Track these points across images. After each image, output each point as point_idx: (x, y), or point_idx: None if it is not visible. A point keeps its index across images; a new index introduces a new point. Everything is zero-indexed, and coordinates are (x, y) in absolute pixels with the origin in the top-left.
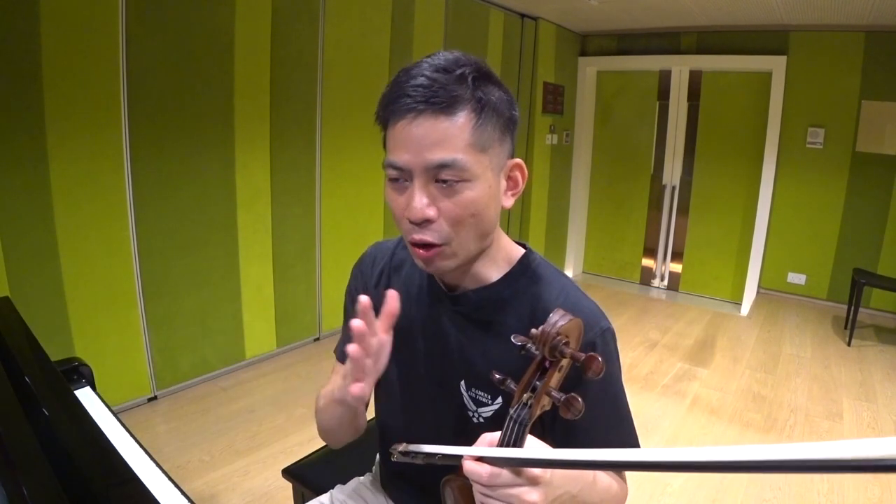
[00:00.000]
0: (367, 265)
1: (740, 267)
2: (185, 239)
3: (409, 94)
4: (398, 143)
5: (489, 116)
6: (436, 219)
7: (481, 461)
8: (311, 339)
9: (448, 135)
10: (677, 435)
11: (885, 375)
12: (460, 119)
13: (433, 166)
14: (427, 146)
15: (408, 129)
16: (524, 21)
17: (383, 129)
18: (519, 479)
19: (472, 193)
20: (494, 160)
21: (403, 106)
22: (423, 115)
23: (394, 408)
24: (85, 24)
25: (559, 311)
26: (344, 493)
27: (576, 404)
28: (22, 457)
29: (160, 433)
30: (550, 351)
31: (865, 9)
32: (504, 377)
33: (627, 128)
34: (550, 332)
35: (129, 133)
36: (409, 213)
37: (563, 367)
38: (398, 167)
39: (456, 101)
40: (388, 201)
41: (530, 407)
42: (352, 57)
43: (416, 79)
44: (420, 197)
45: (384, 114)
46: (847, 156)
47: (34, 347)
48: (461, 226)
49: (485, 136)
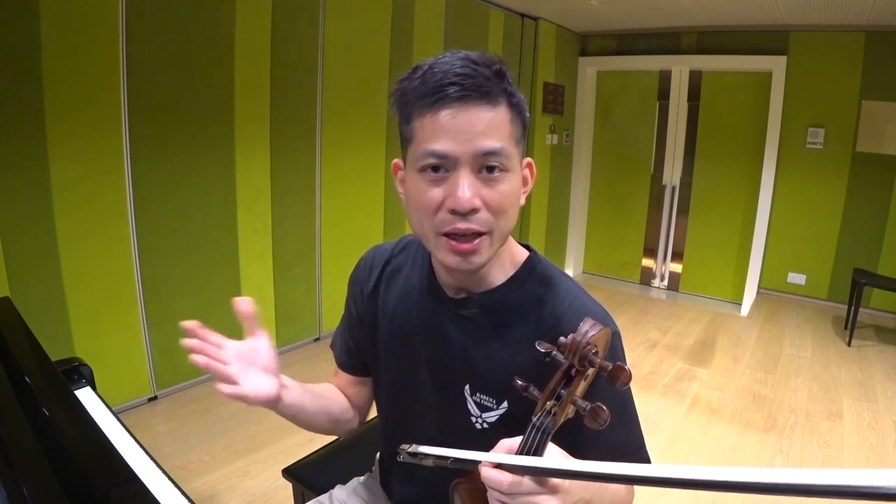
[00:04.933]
0: (362, 271)
1: (740, 267)
2: (186, 239)
3: (456, 81)
4: (440, 130)
5: (517, 114)
6: (480, 208)
7: (500, 467)
8: (311, 339)
9: (494, 124)
10: (677, 435)
11: (885, 375)
12: (501, 111)
13: (482, 153)
14: (475, 134)
15: (454, 116)
16: (524, 21)
17: (409, 120)
18: (541, 488)
19: (510, 185)
20: (520, 156)
21: (450, 94)
22: (471, 103)
23: (395, 411)
24: (85, 24)
25: (589, 321)
26: (344, 492)
27: (602, 414)
28: (22, 457)
29: (160, 433)
30: (580, 360)
31: (865, 9)
32: (527, 384)
33: (627, 128)
34: (581, 341)
35: (129, 133)
36: (455, 202)
37: (589, 377)
38: (441, 155)
39: (498, 94)
40: (414, 194)
41: (554, 415)
42: (352, 57)
43: (456, 68)
44: (467, 185)
45: (417, 105)
46: (847, 156)
47: (34, 347)
48: (503, 216)
49: (517, 131)
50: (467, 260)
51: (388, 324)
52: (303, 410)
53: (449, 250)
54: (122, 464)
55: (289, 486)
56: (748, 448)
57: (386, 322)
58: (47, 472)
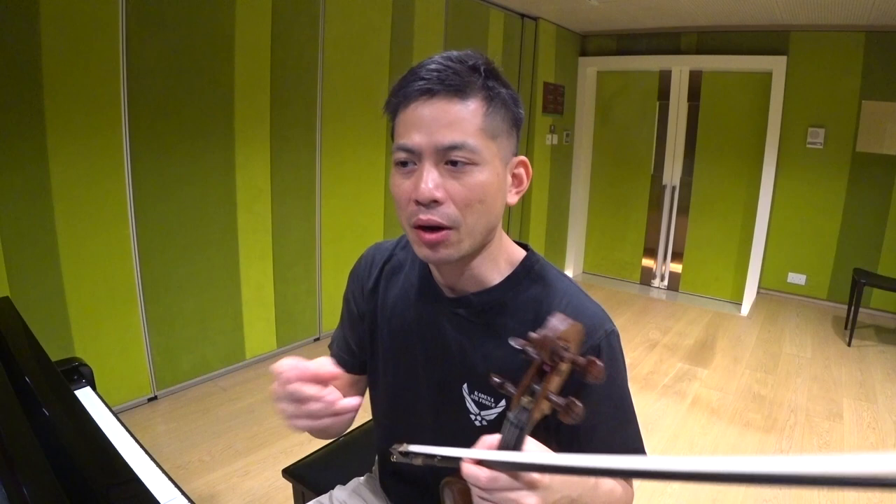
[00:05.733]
0: (363, 268)
1: (740, 267)
2: (186, 239)
3: (423, 76)
4: (409, 124)
5: (498, 107)
6: (444, 200)
7: (481, 464)
8: (311, 339)
9: (460, 117)
10: (677, 435)
11: (885, 375)
12: (472, 105)
13: (444, 147)
14: (439, 127)
15: (420, 110)
16: (524, 21)
17: (393, 117)
18: (517, 483)
19: (480, 177)
20: (503, 151)
21: (416, 88)
22: (436, 97)
23: (392, 411)
24: (85, 24)
25: (559, 316)
26: (344, 493)
27: (575, 409)
28: (22, 457)
29: (160, 433)
30: (550, 355)
31: (865, 9)
32: (502, 380)
33: (627, 128)
34: (550, 336)
35: (129, 133)
36: (417, 193)
37: (564, 372)
38: (408, 149)
39: (468, 87)
40: (392, 190)
41: (529, 411)
42: (352, 57)
43: (429, 65)
44: (428, 177)
45: (395, 99)
46: (847, 156)
47: (34, 347)
48: (469, 210)
49: (494, 125)
50: (435, 250)
51: (388, 322)
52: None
53: (419, 242)
54: (122, 464)
55: (289, 486)
56: (748, 448)
57: (385, 320)
58: (47, 472)
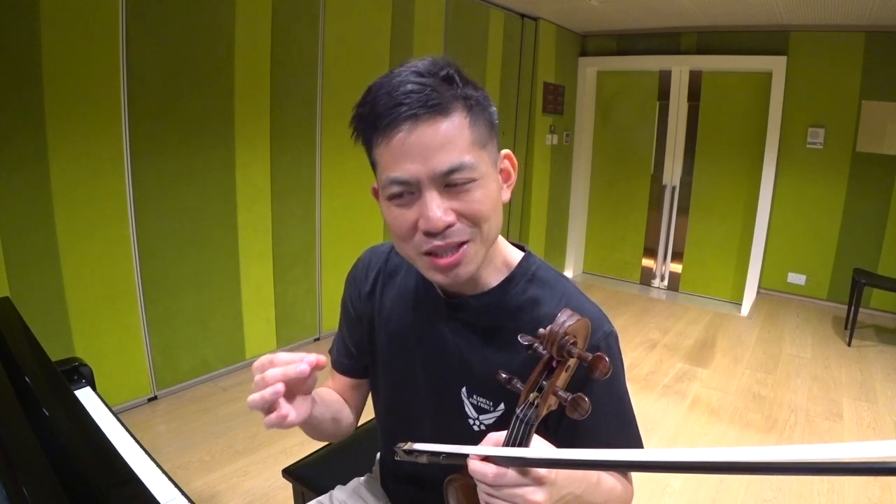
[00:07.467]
0: (360, 271)
1: (740, 267)
2: (186, 239)
3: (403, 101)
4: (398, 155)
5: (478, 114)
6: (455, 222)
7: (487, 461)
8: (311, 339)
9: (450, 136)
10: (677, 435)
11: (885, 375)
12: (456, 119)
13: (443, 173)
14: (432, 153)
15: (408, 138)
16: (524, 21)
17: (371, 148)
18: (524, 479)
19: (483, 191)
20: (492, 156)
21: (399, 115)
22: (422, 121)
23: (392, 414)
24: (85, 24)
25: (567, 311)
26: (344, 493)
27: (583, 404)
28: (22, 457)
29: (160, 433)
30: (558, 350)
31: (865, 9)
32: (510, 376)
33: (627, 128)
34: (558, 331)
35: (129, 133)
36: (427, 224)
37: (570, 367)
38: (404, 181)
39: (449, 102)
40: (390, 222)
41: (537, 406)
42: (352, 57)
43: (403, 86)
44: (433, 205)
45: (373, 131)
46: (847, 156)
47: (34, 347)
48: (482, 222)
49: (480, 133)
50: (454, 273)
51: (385, 326)
52: (320, 420)
53: (433, 268)
54: (122, 464)
55: (289, 486)
56: None
57: (383, 324)
58: (47, 472)
